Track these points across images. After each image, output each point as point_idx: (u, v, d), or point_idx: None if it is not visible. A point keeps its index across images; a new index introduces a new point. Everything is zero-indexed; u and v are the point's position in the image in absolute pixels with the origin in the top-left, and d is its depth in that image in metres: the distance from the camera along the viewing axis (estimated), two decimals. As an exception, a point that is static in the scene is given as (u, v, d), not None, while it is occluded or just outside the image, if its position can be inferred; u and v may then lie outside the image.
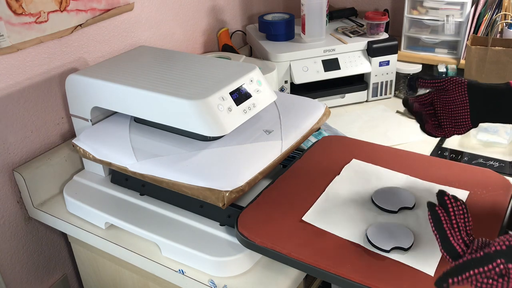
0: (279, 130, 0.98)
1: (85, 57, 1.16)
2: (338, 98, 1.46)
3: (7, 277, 1.09)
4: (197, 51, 1.54)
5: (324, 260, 0.73)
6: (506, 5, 1.36)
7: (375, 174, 0.93)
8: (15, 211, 1.08)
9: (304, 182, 0.92)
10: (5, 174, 1.04)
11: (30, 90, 1.05)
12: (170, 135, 0.97)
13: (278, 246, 0.77)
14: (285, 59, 1.38)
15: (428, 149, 1.21)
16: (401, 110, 1.40)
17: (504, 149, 1.19)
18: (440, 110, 0.87)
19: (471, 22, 1.42)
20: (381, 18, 1.43)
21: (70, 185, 1.07)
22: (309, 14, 1.41)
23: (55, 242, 1.19)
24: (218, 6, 1.58)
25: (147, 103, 0.91)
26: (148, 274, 0.95)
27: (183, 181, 0.85)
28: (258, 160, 0.89)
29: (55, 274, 1.21)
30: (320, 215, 0.83)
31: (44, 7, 1.02)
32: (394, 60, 1.45)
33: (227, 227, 0.90)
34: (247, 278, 0.84)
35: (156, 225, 0.93)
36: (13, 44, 0.98)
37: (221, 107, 0.87)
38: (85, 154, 0.99)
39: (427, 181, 0.90)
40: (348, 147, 1.03)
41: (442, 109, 0.86)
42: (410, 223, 0.80)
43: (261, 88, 0.96)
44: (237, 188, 0.82)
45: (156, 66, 1.02)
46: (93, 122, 1.05)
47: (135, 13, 1.27)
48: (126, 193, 1.02)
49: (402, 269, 0.71)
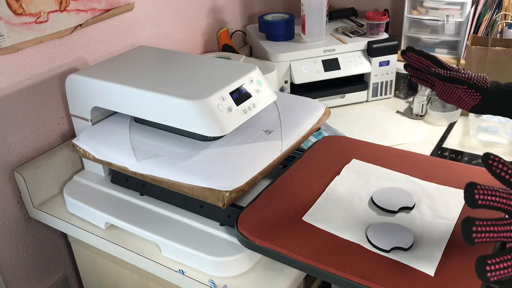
0: (279, 130, 0.98)
1: (85, 57, 1.16)
2: (338, 98, 1.46)
3: (7, 277, 1.09)
4: (197, 51, 1.54)
5: (324, 260, 0.73)
6: (506, 5, 1.36)
7: (375, 174, 0.93)
8: (15, 211, 1.08)
9: (304, 182, 0.92)
10: (5, 174, 1.04)
11: (30, 90, 1.05)
12: (170, 135, 0.97)
13: (278, 246, 0.77)
14: (285, 59, 1.38)
15: (428, 149, 1.21)
16: (401, 110, 1.40)
17: (504, 149, 1.19)
18: (442, 94, 0.86)
19: (471, 22, 1.42)
20: (381, 18, 1.43)
21: (70, 185, 1.07)
22: (309, 14, 1.41)
23: (55, 242, 1.19)
24: (218, 6, 1.58)
25: (147, 103, 0.91)
26: (148, 274, 0.95)
27: (183, 181, 0.85)
28: (258, 160, 0.89)
29: (55, 274, 1.21)
30: (320, 215, 0.83)
31: (44, 7, 1.02)
32: (394, 60, 1.45)
33: (227, 227, 0.90)
34: (247, 278, 0.84)
35: (156, 225, 0.93)
36: (13, 44, 0.98)
37: (221, 107, 0.87)
38: (85, 154, 0.99)
39: (427, 181, 0.90)
40: (348, 147, 1.03)
41: (444, 94, 0.86)
42: (410, 223, 0.80)
43: (261, 88, 0.96)
44: (237, 188, 0.82)
45: (156, 66, 1.02)
46: (93, 122, 1.05)
47: (135, 13, 1.27)
48: (126, 193, 1.02)
49: (402, 269, 0.71)
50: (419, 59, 0.89)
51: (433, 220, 0.80)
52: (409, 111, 1.39)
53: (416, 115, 1.37)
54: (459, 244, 0.75)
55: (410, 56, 0.89)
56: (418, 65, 0.89)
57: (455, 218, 0.80)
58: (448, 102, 0.86)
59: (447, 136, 1.27)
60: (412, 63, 0.90)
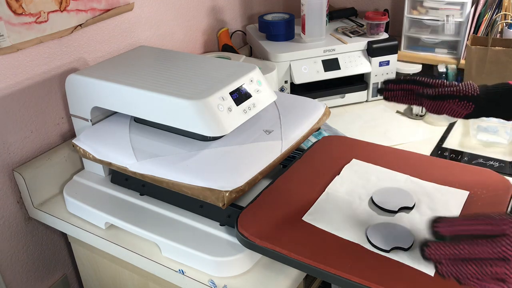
0: (279, 130, 0.98)
1: (85, 57, 1.16)
2: (338, 98, 1.46)
3: (7, 277, 1.09)
4: (197, 51, 1.54)
5: (324, 260, 0.73)
6: (506, 5, 1.36)
7: (375, 174, 0.93)
8: (15, 211, 1.08)
9: (304, 182, 0.92)
10: (5, 174, 1.04)
11: (30, 90, 1.05)
12: (170, 135, 0.97)
13: (278, 246, 0.77)
14: (285, 59, 1.38)
15: (428, 149, 1.21)
16: (401, 110, 1.40)
17: (504, 149, 1.19)
18: (432, 109, 0.84)
19: (471, 22, 1.42)
20: (381, 18, 1.43)
21: (70, 185, 1.07)
22: (309, 14, 1.41)
23: (55, 242, 1.19)
24: (218, 6, 1.58)
25: (147, 103, 0.91)
26: (148, 274, 0.95)
27: (183, 181, 0.85)
28: (258, 160, 0.89)
29: (55, 274, 1.21)
30: (320, 215, 0.83)
31: (44, 7, 1.02)
32: (394, 60, 1.45)
33: (227, 227, 0.90)
34: (247, 278, 0.84)
35: (156, 225, 0.93)
36: (13, 44, 0.98)
37: (221, 107, 0.87)
38: (85, 154, 0.99)
39: (427, 181, 0.90)
40: (348, 147, 1.03)
41: (435, 109, 0.84)
42: (410, 223, 0.80)
43: (261, 88, 0.96)
44: (237, 188, 0.82)
45: (156, 66, 1.02)
46: (93, 122, 1.05)
47: (135, 13, 1.27)
48: (126, 193, 1.02)
49: (402, 269, 0.71)
50: (400, 87, 0.87)
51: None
52: (409, 111, 1.40)
53: (416, 115, 1.37)
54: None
55: (391, 88, 0.88)
56: (401, 93, 0.88)
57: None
58: (440, 114, 0.84)
59: (447, 136, 1.27)
60: (394, 95, 0.88)
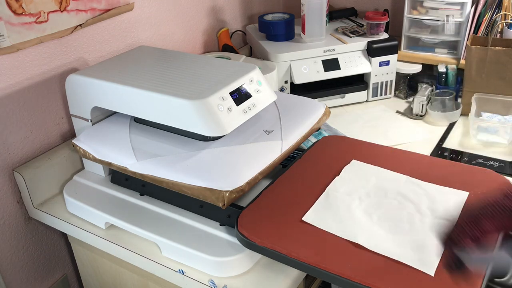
0: (279, 130, 0.98)
1: (85, 57, 1.16)
2: (338, 98, 1.46)
3: (7, 277, 1.09)
4: (197, 51, 1.54)
5: (324, 260, 0.73)
6: (506, 5, 1.36)
7: (375, 175, 0.93)
8: (15, 211, 1.08)
9: (304, 182, 0.92)
10: (5, 174, 1.04)
11: (30, 90, 1.05)
12: (170, 135, 0.97)
13: (278, 246, 0.77)
14: (285, 59, 1.38)
15: (428, 149, 1.21)
16: (401, 110, 1.40)
17: (504, 149, 1.19)
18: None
19: (471, 22, 1.42)
20: (381, 18, 1.43)
21: (70, 185, 1.07)
22: (309, 14, 1.41)
23: (55, 242, 1.19)
24: (218, 6, 1.58)
25: (147, 103, 0.91)
26: (148, 274, 0.95)
27: (183, 181, 0.85)
28: (258, 160, 0.89)
29: (55, 274, 1.21)
30: (320, 215, 0.83)
31: (44, 7, 1.02)
32: (394, 60, 1.45)
33: (227, 227, 0.90)
34: (247, 278, 0.84)
35: (156, 225, 0.93)
36: (13, 44, 0.98)
37: (221, 107, 0.87)
38: (85, 154, 0.99)
39: (427, 181, 0.90)
40: (348, 147, 1.03)
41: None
42: (410, 223, 0.80)
43: (261, 88, 0.96)
44: (237, 188, 0.82)
45: (156, 66, 1.02)
46: (93, 122, 1.05)
47: (135, 13, 1.27)
48: (126, 193, 1.02)
49: (402, 269, 0.71)
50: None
51: (433, 220, 0.80)
52: (409, 111, 1.39)
53: (416, 115, 1.37)
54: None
55: None
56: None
57: (455, 218, 0.80)
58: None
59: (447, 136, 1.27)
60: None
